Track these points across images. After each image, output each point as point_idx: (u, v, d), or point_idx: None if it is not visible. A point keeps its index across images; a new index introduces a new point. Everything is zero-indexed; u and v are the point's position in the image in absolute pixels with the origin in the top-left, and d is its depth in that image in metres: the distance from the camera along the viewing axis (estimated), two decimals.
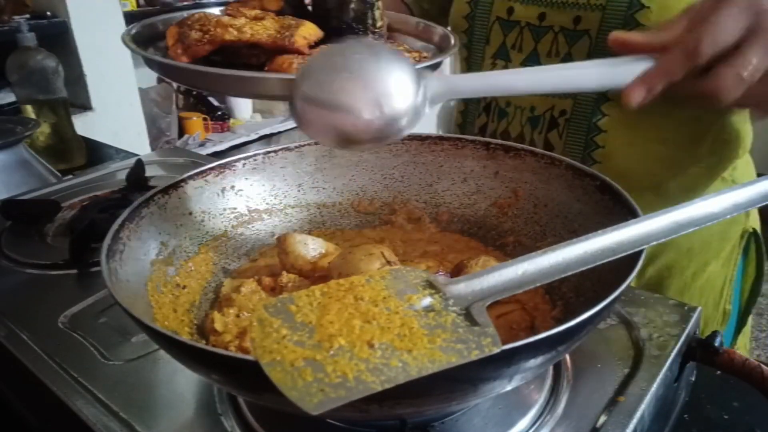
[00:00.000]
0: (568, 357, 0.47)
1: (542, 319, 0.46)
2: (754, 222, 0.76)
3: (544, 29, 0.68)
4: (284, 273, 0.51)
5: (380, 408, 0.32)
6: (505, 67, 0.73)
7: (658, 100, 0.46)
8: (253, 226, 0.58)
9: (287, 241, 0.51)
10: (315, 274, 0.50)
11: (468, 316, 0.31)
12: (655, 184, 0.68)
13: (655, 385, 0.43)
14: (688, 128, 0.66)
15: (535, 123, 0.70)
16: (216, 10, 0.53)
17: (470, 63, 0.79)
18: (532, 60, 0.70)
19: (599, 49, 0.65)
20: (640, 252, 0.36)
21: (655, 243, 0.36)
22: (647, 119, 0.65)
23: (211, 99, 2.12)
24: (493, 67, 0.75)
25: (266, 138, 2.16)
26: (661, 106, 0.67)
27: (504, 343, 0.29)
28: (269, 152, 0.58)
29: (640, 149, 0.67)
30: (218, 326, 0.46)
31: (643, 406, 0.41)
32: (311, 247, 0.51)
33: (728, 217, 0.38)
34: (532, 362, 0.32)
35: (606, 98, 0.66)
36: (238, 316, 0.47)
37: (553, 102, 0.69)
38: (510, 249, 0.54)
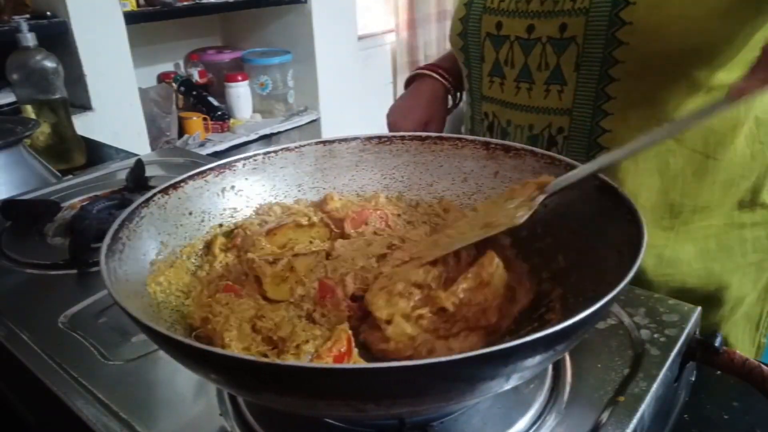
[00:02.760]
0: (568, 357, 0.47)
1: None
2: None
3: (532, 42, 0.67)
4: None
5: (377, 407, 0.32)
6: (501, 84, 0.72)
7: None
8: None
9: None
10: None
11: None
12: (669, 201, 0.67)
13: (655, 385, 0.43)
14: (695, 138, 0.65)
15: (534, 141, 0.69)
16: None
17: (471, 80, 0.78)
18: (524, 74, 0.69)
19: (587, 56, 0.63)
20: (638, 253, 0.36)
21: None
22: (655, 124, 0.63)
23: (211, 99, 2.12)
24: (491, 84, 0.74)
25: (266, 138, 2.16)
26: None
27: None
28: (269, 152, 0.58)
29: (649, 166, 0.65)
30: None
31: (643, 406, 0.41)
32: None
33: None
34: (530, 361, 0.32)
35: (605, 113, 0.64)
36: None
37: (550, 119, 0.68)
38: (509, 248, 0.54)
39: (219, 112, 2.10)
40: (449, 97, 0.89)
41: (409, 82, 0.91)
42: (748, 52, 0.61)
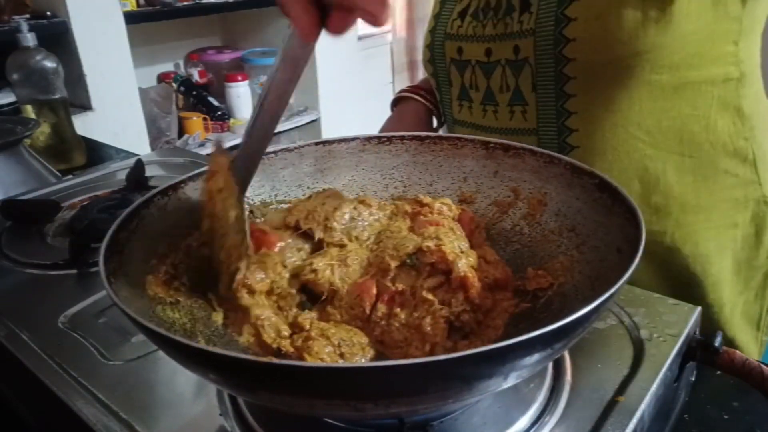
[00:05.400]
0: (568, 356, 0.47)
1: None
2: None
3: (492, 65, 0.68)
4: None
5: (375, 407, 0.32)
6: (469, 107, 0.73)
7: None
8: None
9: None
10: None
11: None
12: (652, 205, 0.66)
13: (655, 385, 0.43)
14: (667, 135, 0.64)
15: None
16: None
17: (443, 105, 0.79)
18: (488, 97, 0.70)
19: (541, 76, 0.64)
20: (636, 251, 0.36)
21: None
22: (622, 133, 0.63)
23: (211, 99, 2.12)
24: (460, 108, 0.75)
25: None
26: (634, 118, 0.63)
27: (498, 341, 0.29)
28: (269, 153, 0.58)
29: (628, 174, 0.65)
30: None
31: (643, 406, 0.41)
32: None
33: None
34: (528, 360, 0.32)
35: (569, 129, 0.65)
36: None
37: (518, 140, 0.66)
38: (509, 247, 0.54)
39: (219, 112, 2.10)
40: (433, 117, 0.90)
41: (394, 105, 0.92)
42: (709, 47, 0.61)
